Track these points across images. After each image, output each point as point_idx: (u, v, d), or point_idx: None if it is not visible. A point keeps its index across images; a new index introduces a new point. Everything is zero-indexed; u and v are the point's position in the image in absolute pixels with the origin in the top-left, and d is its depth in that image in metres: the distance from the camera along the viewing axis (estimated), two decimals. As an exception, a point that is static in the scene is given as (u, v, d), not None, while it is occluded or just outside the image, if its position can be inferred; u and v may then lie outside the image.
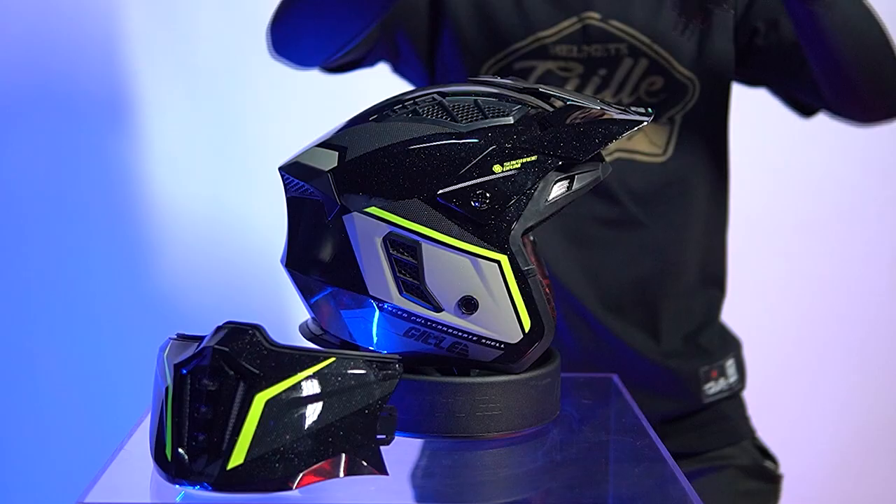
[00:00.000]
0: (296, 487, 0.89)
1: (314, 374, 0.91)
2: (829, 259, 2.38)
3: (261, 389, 0.89)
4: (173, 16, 2.29)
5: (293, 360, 0.91)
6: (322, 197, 1.01)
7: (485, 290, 0.99)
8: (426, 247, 0.98)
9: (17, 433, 2.33)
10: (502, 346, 1.01)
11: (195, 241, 2.35)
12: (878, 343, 2.45)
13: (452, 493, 1.02)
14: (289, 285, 1.08)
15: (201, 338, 0.94)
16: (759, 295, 2.31)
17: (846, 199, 2.28)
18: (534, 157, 0.99)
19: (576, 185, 1.01)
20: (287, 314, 1.15)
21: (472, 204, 0.97)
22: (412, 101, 1.03)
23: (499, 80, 1.07)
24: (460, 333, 1.00)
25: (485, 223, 0.98)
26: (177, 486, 0.91)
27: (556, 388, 1.09)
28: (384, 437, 0.93)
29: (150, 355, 0.99)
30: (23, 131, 2.29)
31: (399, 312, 1.00)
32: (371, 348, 1.03)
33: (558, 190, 1.00)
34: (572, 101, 1.03)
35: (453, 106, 1.01)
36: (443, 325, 1.00)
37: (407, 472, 1.01)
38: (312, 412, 0.90)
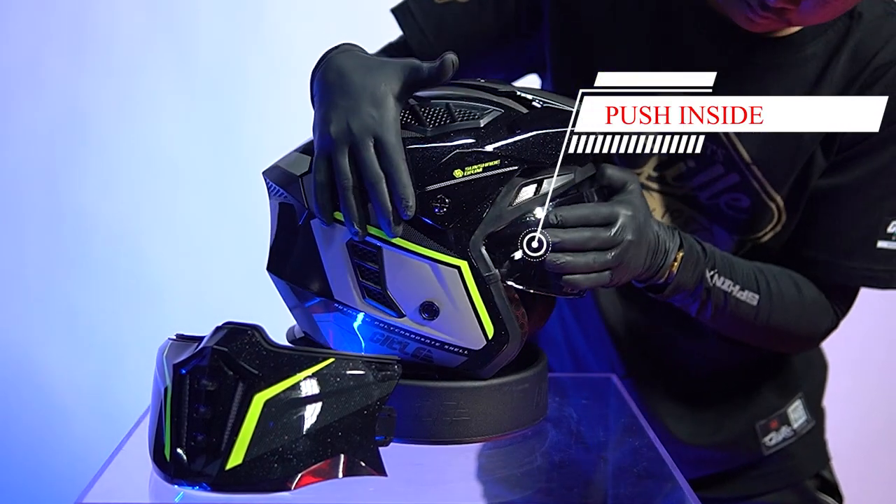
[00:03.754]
0: (294, 488, 0.89)
1: (313, 374, 0.91)
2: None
3: (260, 390, 0.89)
4: (173, 16, 2.29)
5: (292, 361, 0.91)
6: (295, 202, 1.02)
7: (445, 295, 0.98)
8: (387, 252, 0.97)
9: (18, 433, 2.33)
10: (466, 352, 1.00)
11: (194, 240, 2.36)
12: (878, 344, 2.45)
13: (452, 494, 1.02)
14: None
15: (200, 338, 0.94)
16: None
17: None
18: (496, 161, 0.97)
19: (544, 190, 0.99)
20: (286, 315, 1.15)
21: (433, 208, 0.96)
22: None
23: (482, 82, 1.06)
24: (423, 339, 0.99)
25: (444, 228, 0.97)
26: (176, 486, 0.91)
27: (536, 393, 1.08)
28: (383, 437, 0.93)
29: (149, 355, 0.99)
30: (23, 131, 2.29)
31: (363, 318, 1.00)
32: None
33: (525, 194, 0.99)
34: (548, 103, 1.02)
35: (424, 110, 1.00)
36: (405, 330, 0.99)
37: (404, 474, 1.01)
38: (311, 413, 0.90)
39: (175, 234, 2.35)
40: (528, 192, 0.99)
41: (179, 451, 0.90)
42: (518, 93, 1.03)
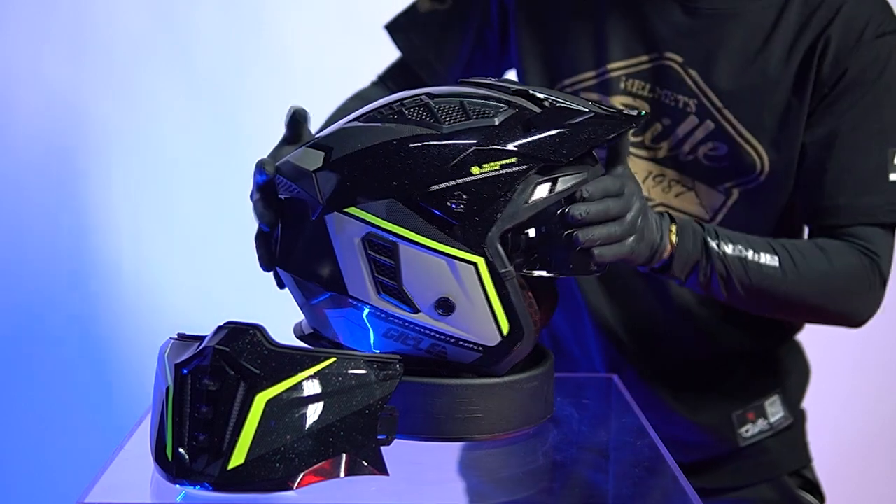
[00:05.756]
0: (296, 487, 0.89)
1: (315, 374, 0.91)
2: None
3: (261, 389, 0.89)
4: (173, 16, 2.29)
5: (294, 361, 0.91)
6: (307, 197, 1.02)
7: (461, 291, 0.98)
8: (403, 248, 0.98)
9: (17, 433, 2.33)
10: (481, 348, 1.00)
11: (195, 240, 2.36)
12: (878, 344, 2.45)
13: (453, 494, 1.02)
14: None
15: (202, 338, 0.94)
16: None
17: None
18: (513, 159, 0.98)
19: (559, 187, 1.00)
20: (287, 314, 1.15)
21: (449, 205, 0.97)
22: (399, 103, 1.03)
23: (493, 81, 1.07)
24: (438, 335, 1.00)
25: (461, 225, 0.97)
26: (177, 486, 0.91)
27: (545, 391, 1.08)
28: (385, 437, 0.93)
29: (150, 355, 0.99)
30: (23, 131, 2.29)
31: (377, 313, 1.00)
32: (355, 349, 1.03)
33: (540, 192, 0.99)
34: (561, 102, 1.02)
35: (438, 107, 1.01)
36: (420, 326, 0.99)
37: (406, 473, 1.01)
38: (313, 412, 0.90)
39: (176, 234, 2.35)
40: (543, 189, 0.99)
41: (181, 450, 0.90)
42: (530, 91, 1.03)
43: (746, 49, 1.32)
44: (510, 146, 0.98)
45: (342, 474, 0.90)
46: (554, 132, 0.99)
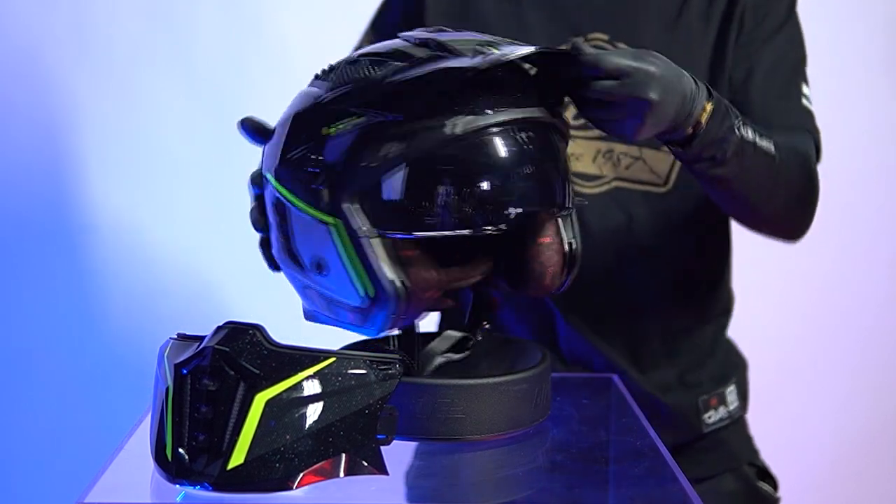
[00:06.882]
0: (296, 487, 0.89)
1: (314, 373, 0.91)
2: (829, 259, 2.38)
3: (261, 389, 0.89)
4: (173, 16, 2.29)
5: (293, 360, 0.91)
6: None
7: (326, 252, 1.00)
8: (289, 209, 1.02)
9: (18, 433, 2.33)
10: (353, 309, 1.02)
11: (195, 240, 2.36)
12: (878, 344, 2.45)
13: (453, 494, 1.02)
14: (288, 284, 1.09)
15: (201, 338, 0.94)
16: (759, 295, 2.30)
17: (846, 200, 2.27)
18: (362, 118, 0.97)
19: (417, 143, 0.96)
20: (287, 314, 1.15)
21: (307, 168, 0.99)
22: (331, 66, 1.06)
23: (420, 32, 1.03)
24: (322, 295, 1.04)
25: (319, 186, 0.98)
26: (177, 486, 0.91)
27: (536, 394, 1.07)
28: (384, 437, 0.93)
29: (150, 355, 0.99)
30: (22, 130, 2.29)
31: (285, 273, 1.07)
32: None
33: (394, 150, 0.96)
34: (441, 53, 0.97)
35: (339, 71, 1.03)
36: (309, 285, 1.04)
37: (405, 473, 1.01)
38: (313, 412, 0.90)
39: (175, 234, 2.35)
40: (397, 147, 0.96)
41: (181, 450, 0.90)
42: (425, 38, 1.00)
43: (666, 14, 1.40)
44: (363, 104, 0.97)
45: (342, 474, 0.90)
46: (409, 85, 0.95)
